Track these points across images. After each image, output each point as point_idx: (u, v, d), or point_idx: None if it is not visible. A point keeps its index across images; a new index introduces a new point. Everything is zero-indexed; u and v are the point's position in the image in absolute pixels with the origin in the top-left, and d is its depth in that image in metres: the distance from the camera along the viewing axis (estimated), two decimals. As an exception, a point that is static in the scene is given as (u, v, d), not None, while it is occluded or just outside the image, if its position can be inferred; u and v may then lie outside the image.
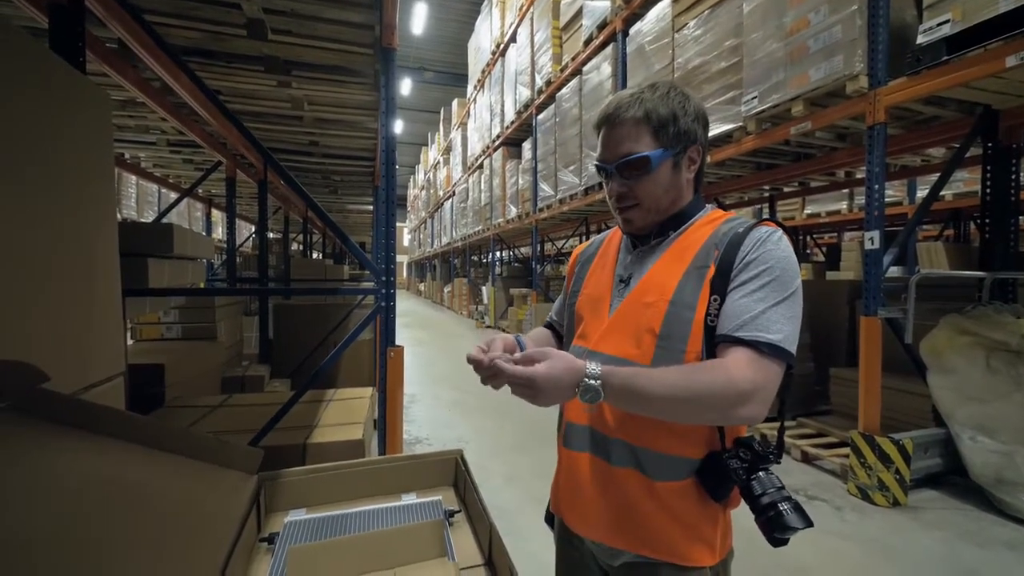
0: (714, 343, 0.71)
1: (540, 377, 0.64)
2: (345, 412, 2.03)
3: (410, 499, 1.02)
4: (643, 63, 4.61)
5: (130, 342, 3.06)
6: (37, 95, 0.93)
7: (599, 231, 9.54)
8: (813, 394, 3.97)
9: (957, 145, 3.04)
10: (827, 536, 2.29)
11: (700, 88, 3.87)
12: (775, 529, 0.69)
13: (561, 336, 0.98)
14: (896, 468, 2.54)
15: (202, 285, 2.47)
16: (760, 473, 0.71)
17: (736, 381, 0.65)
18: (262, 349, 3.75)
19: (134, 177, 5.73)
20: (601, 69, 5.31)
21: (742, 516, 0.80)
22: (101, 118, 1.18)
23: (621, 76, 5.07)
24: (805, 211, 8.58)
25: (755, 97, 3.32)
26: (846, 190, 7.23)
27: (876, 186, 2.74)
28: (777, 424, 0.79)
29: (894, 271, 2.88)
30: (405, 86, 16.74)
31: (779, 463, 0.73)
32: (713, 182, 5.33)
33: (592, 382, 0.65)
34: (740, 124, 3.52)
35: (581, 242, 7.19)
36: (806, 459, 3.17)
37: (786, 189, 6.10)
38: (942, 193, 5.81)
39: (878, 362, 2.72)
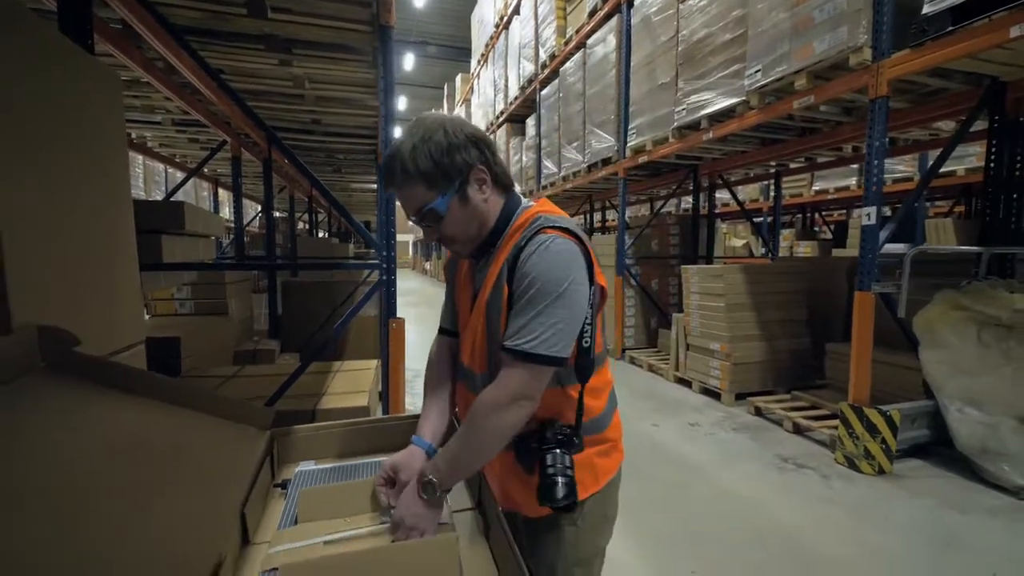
0: None
1: (395, 519, 0.80)
2: (351, 382, 2.14)
3: (410, 454, 1.11)
4: (648, 34, 4.54)
5: (146, 317, 3.18)
6: (52, 78, 0.99)
7: (603, 208, 9.51)
8: (809, 368, 4.04)
9: (964, 118, 3.00)
10: (813, 502, 2.39)
11: (705, 61, 3.82)
12: (545, 495, 0.83)
13: (456, 336, 1.04)
14: (882, 438, 2.62)
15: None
16: (557, 450, 0.85)
17: (502, 398, 0.80)
18: (271, 325, 3.87)
19: (141, 157, 5.79)
20: (607, 41, 5.23)
21: (745, 488, 0.88)
22: (112, 98, 1.24)
23: (625, 48, 4.99)
24: (813, 187, 8.43)
25: (758, 70, 3.29)
26: (855, 165, 7.13)
27: (876, 161, 2.73)
28: (771, 397, 0.89)
29: (900, 247, 2.89)
30: (408, 61, 16.46)
31: (568, 452, 0.86)
32: (717, 158, 5.30)
33: (428, 478, 0.81)
34: (743, 98, 3.50)
35: (585, 220, 7.11)
36: (798, 431, 3.26)
37: (792, 165, 6.03)
38: (953, 168, 5.74)
39: (870, 336, 2.77)
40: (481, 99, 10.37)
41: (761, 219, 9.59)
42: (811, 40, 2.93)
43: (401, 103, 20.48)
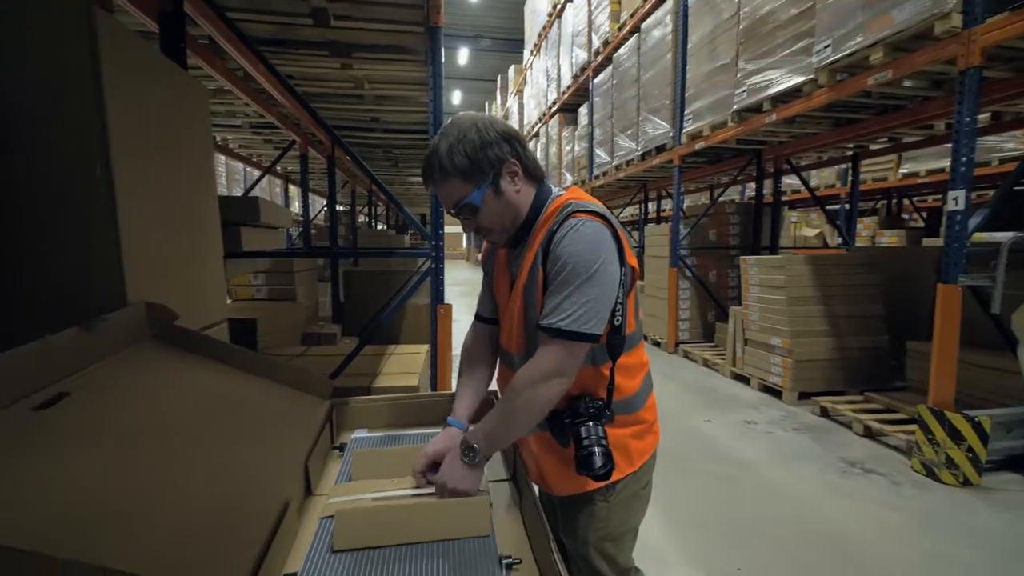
0: None
1: (438, 482, 0.86)
2: (403, 364, 2.30)
3: (452, 427, 1.21)
4: (710, 11, 4.35)
5: (228, 301, 3.55)
6: (157, 93, 1.17)
7: (659, 198, 9.22)
8: (887, 369, 3.75)
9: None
10: (876, 507, 2.25)
11: (768, 38, 3.61)
12: (582, 465, 0.87)
13: (492, 323, 1.10)
14: (968, 446, 2.38)
15: (283, 252, 2.84)
16: (590, 423, 0.88)
17: (536, 375, 0.85)
18: (334, 310, 4.17)
19: (224, 157, 6.36)
20: (664, 23, 5.07)
21: (800, 489, 0.89)
22: (202, 108, 1.42)
23: (682, 30, 4.81)
24: (900, 170, 7.62)
25: (828, 45, 3.07)
26: (950, 145, 6.38)
27: (965, 139, 2.48)
28: (840, 398, 0.88)
29: (1004, 236, 2.60)
30: (462, 55, 16.67)
31: (600, 423, 0.90)
32: (783, 142, 4.99)
33: (469, 443, 0.86)
34: (810, 77, 3.28)
35: (640, 210, 6.94)
36: (869, 434, 3.04)
37: (873, 146, 5.53)
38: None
39: (954, 333, 2.52)
40: (534, 89, 10.36)
41: (838, 206, 8.84)
42: (889, 9, 2.69)
43: (455, 97, 20.79)
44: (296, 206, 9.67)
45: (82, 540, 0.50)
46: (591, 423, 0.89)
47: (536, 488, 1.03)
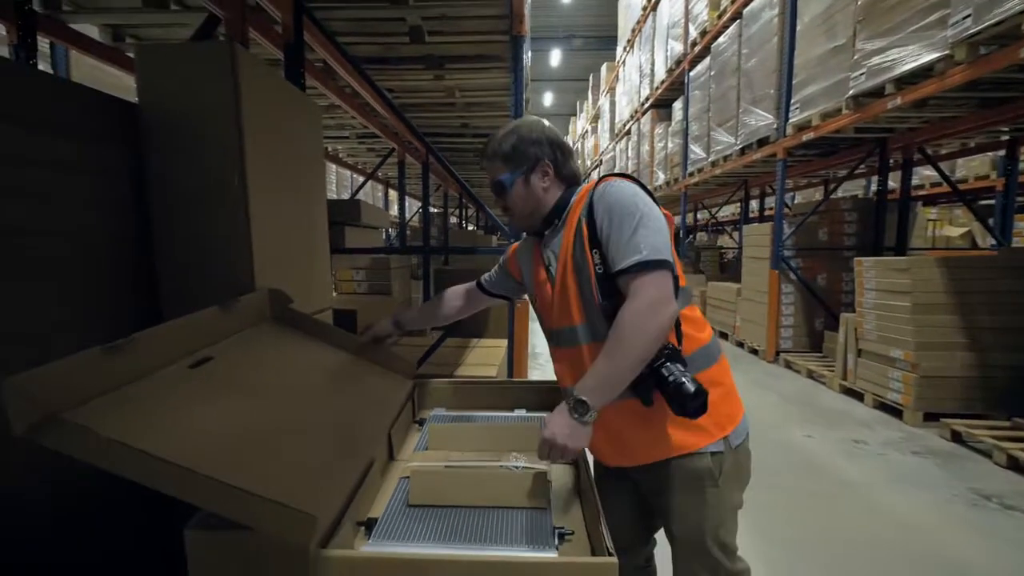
0: (613, 282, 0.92)
1: (546, 436, 0.84)
2: (484, 356, 2.43)
3: (520, 413, 1.28)
4: (826, -13, 3.94)
5: (333, 294, 3.98)
6: (282, 113, 1.38)
7: (761, 196, 8.49)
8: (1048, 392, 3.13)
9: None
10: (1015, 547, 1.94)
11: (896, 10, 3.19)
12: (675, 398, 0.84)
13: (485, 294, 1.29)
14: None
15: (382, 250, 3.15)
16: (668, 363, 0.85)
17: (643, 306, 0.85)
18: (426, 306, 4.46)
19: (333, 165, 7.10)
20: (772, 4, 4.69)
21: (916, 518, 0.83)
22: (316, 123, 1.64)
23: (790, 11, 4.42)
24: (1080, 154, 6.23)
25: (968, 16, 2.64)
26: None
27: None
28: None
29: None
30: (554, 57, 16.76)
31: (678, 362, 0.87)
32: (914, 128, 4.35)
33: (579, 397, 0.84)
34: (944, 52, 2.84)
35: (740, 208, 6.48)
36: (1015, 465, 2.59)
37: (1037, 128, 4.62)
38: None
39: None
40: (626, 86, 10.11)
41: (992, 201, 7.44)
42: (1054, -35, 2.25)
43: (547, 99, 20.95)
44: (394, 208, 10.44)
45: (224, 465, 0.65)
46: (669, 363, 0.86)
47: (614, 481, 1.06)
